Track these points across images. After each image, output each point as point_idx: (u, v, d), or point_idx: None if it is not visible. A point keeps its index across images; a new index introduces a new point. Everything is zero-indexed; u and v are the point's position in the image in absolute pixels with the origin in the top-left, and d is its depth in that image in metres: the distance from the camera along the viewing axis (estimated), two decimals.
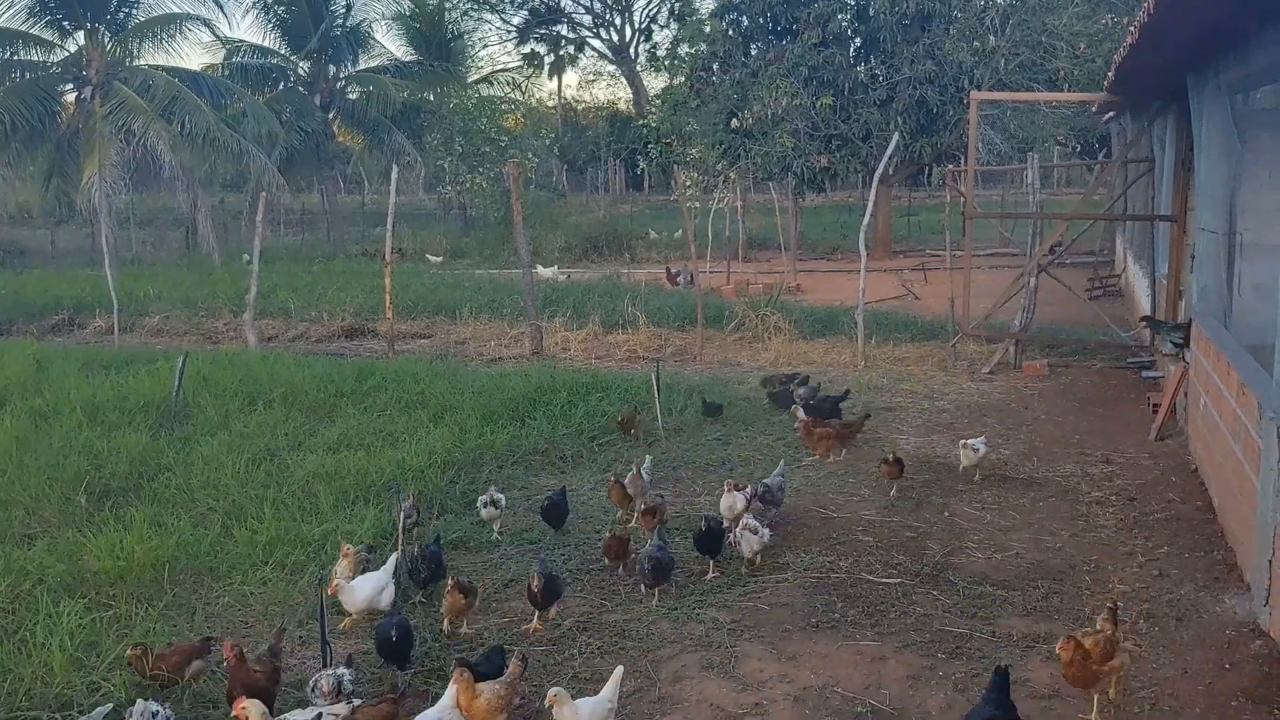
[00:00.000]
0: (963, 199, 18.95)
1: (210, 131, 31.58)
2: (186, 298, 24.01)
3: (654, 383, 12.83)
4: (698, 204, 31.03)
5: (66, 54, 33.48)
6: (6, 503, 9.81)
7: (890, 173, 29.98)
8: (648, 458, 10.67)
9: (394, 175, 20.11)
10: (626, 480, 9.83)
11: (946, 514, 9.88)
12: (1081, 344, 17.00)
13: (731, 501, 9.14)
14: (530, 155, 42.02)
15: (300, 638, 7.62)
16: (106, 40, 33.25)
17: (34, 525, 9.52)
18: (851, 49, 32.08)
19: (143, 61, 34.58)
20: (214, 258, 32.30)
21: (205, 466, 10.74)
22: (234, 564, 8.64)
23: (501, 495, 9.70)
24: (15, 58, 33.02)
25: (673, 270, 26.80)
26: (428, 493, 10.28)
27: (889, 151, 19.11)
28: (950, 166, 29.99)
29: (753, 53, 32.69)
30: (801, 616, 7.77)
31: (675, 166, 30.22)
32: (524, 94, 55.15)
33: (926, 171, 39.98)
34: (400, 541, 8.73)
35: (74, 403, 12.82)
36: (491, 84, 48.99)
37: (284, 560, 8.63)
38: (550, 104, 73.73)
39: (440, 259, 33.75)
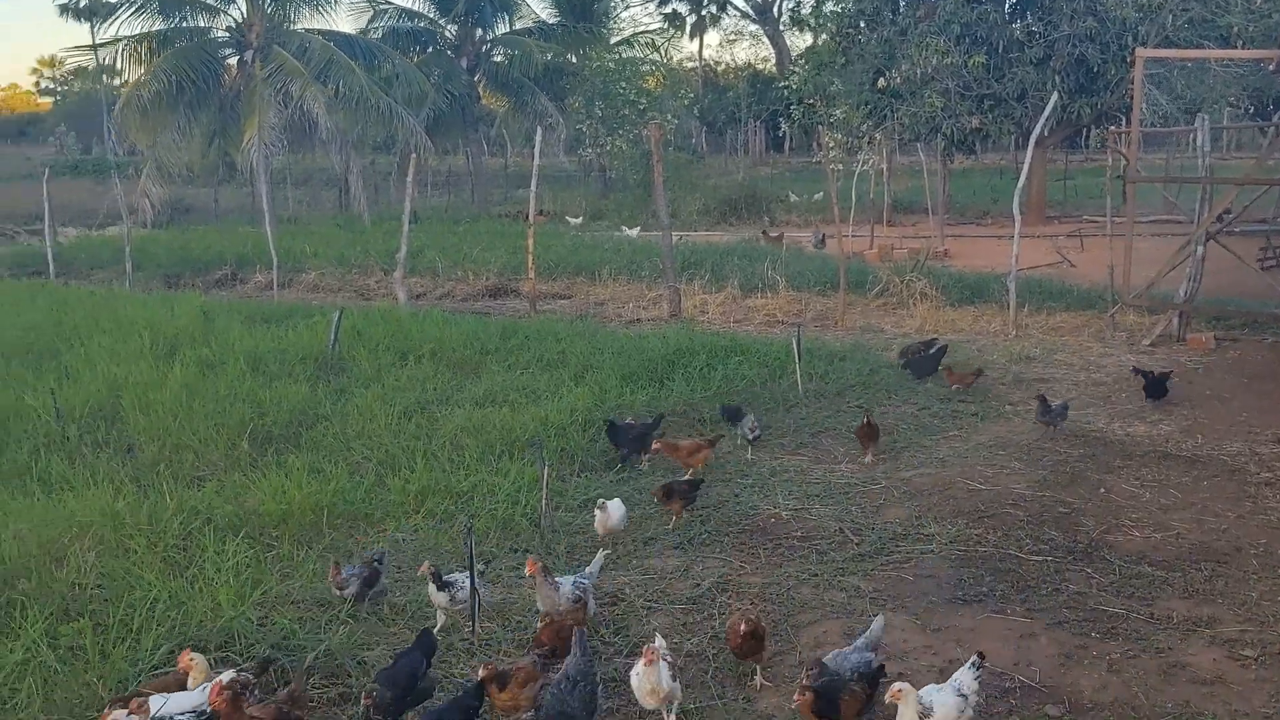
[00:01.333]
0: (1124, 162, 18.20)
1: (363, 94, 32.44)
2: (340, 255, 24.81)
3: (794, 347, 12.76)
4: (841, 166, 30.54)
5: (229, 19, 34.79)
6: (177, 446, 10.36)
7: (1046, 134, 28.89)
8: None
9: (537, 138, 20.38)
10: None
11: (1103, 490, 9.60)
12: (1252, 317, 16.14)
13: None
14: (669, 117, 41.93)
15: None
16: (267, 5, 34.41)
17: (202, 468, 10.04)
18: (1006, 5, 30.94)
19: (300, 26, 35.72)
20: (364, 217, 33.25)
21: (360, 417, 11.14)
22: (387, 511, 8.98)
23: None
24: (183, 23, 34.44)
25: (771, 233, 26.69)
26: (569, 449, 10.46)
27: (1046, 112, 18.41)
28: (1111, 128, 28.74)
29: (901, 9, 31.82)
30: (947, 589, 7.68)
31: (819, 128, 29.77)
32: (664, 55, 54.97)
33: (1084, 134, 38.49)
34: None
35: (238, 353, 13.42)
36: (632, 45, 48.92)
37: (434, 509, 8.93)
38: (690, 65, 73.37)
39: (579, 220, 34.06)
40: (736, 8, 71.52)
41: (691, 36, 72.54)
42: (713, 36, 76.26)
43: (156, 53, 33.34)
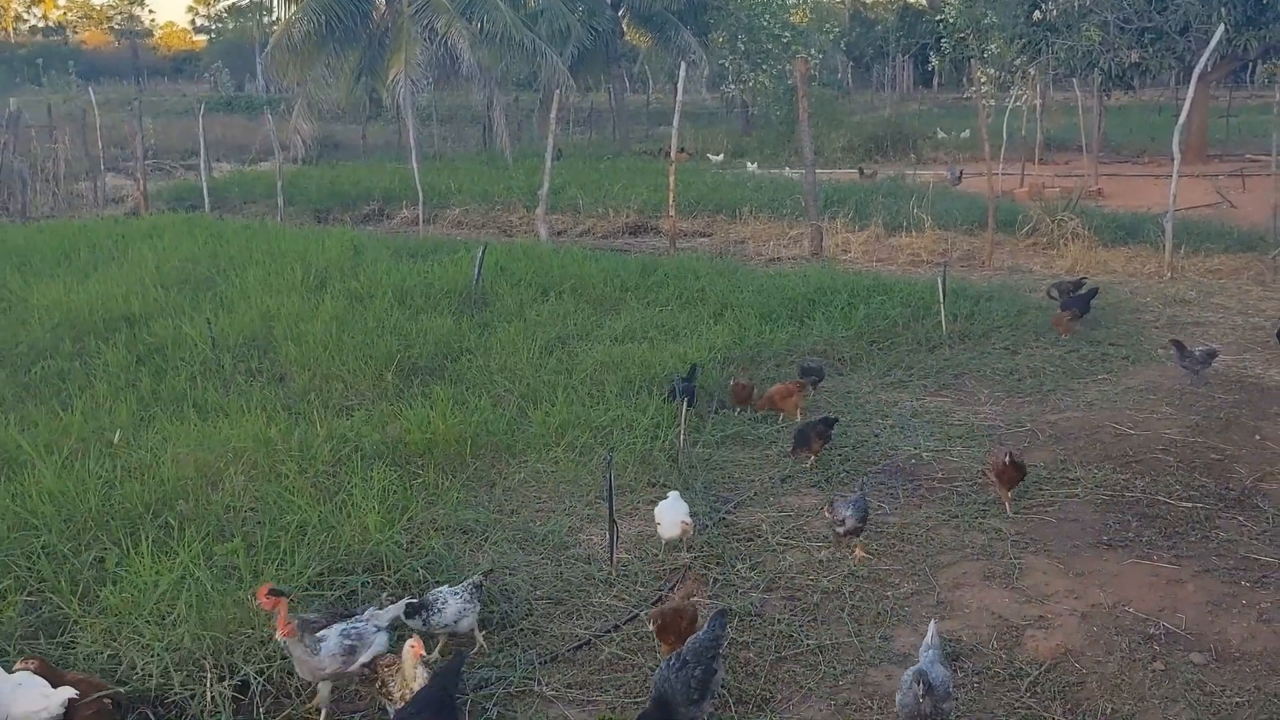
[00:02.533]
0: None
1: (507, 30, 32.57)
2: (484, 192, 25.14)
3: (939, 287, 12.44)
4: (993, 102, 29.46)
5: None
6: (328, 376, 10.71)
7: (1209, 69, 27.24)
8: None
9: (681, 73, 20.15)
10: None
11: (1258, 437, 9.14)
12: None
13: None
14: (815, 52, 41.03)
15: (589, 516, 7.99)
16: None
17: (351, 398, 10.36)
18: None
19: None
20: (507, 154, 33.61)
21: (502, 351, 11.33)
22: (528, 443, 9.13)
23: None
24: None
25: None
26: (708, 386, 10.45)
27: (1210, 46, 17.34)
28: None
29: None
30: (1091, 533, 7.45)
31: (970, 62, 28.73)
32: None
33: (1250, 68, 36.23)
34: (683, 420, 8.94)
35: (385, 287, 13.75)
36: None
37: (574, 442, 9.04)
38: None
39: (721, 158, 33.74)
40: None
41: None
42: None
43: None
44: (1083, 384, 10.84)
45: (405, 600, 6.03)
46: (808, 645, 6.20)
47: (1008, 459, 7.68)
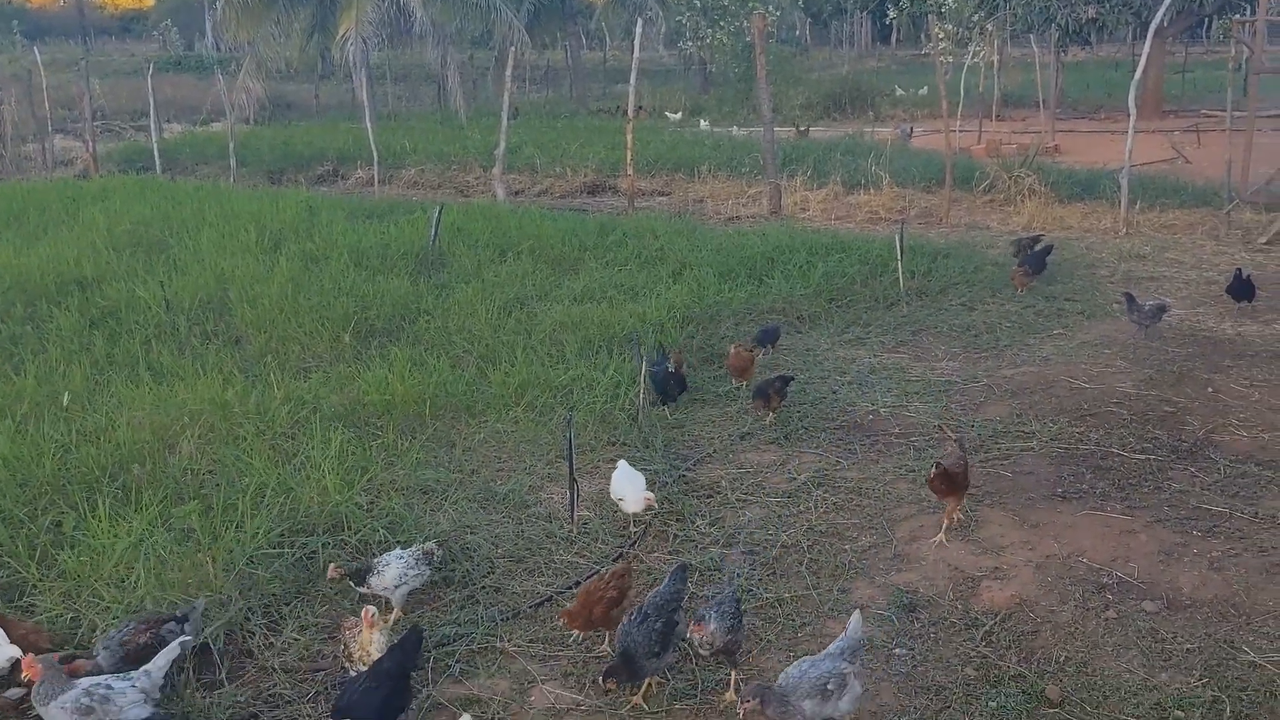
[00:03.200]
0: (1248, 53, 17.24)
1: None
2: (440, 152, 24.91)
3: (897, 244, 12.50)
4: (951, 59, 29.48)
5: None
6: (284, 338, 10.62)
7: (1166, 25, 27.47)
8: None
9: (638, 30, 19.98)
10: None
11: (1210, 390, 9.30)
12: None
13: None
14: (772, 8, 40.82)
15: (549, 475, 8.00)
16: None
17: (308, 360, 10.29)
18: None
19: None
20: (462, 114, 33.26)
21: (460, 312, 11.27)
22: (488, 403, 9.12)
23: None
24: None
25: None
26: (666, 345, 10.46)
27: (1167, 2, 17.47)
28: (1235, 18, 27.19)
29: None
30: (1046, 486, 7.57)
31: (928, 18, 28.72)
32: None
33: (1206, 24, 36.48)
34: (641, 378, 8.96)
35: (341, 248, 13.63)
36: None
37: (534, 402, 9.04)
38: None
39: (679, 116, 33.60)
40: None
41: None
42: None
43: None
44: (1038, 339, 10.96)
45: (180, 640, 5.29)
46: (766, 598, 6.27)
47: (934, 469, 6.77)
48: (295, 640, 5.87)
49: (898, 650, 5.72)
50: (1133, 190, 16.17)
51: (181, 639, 5.29)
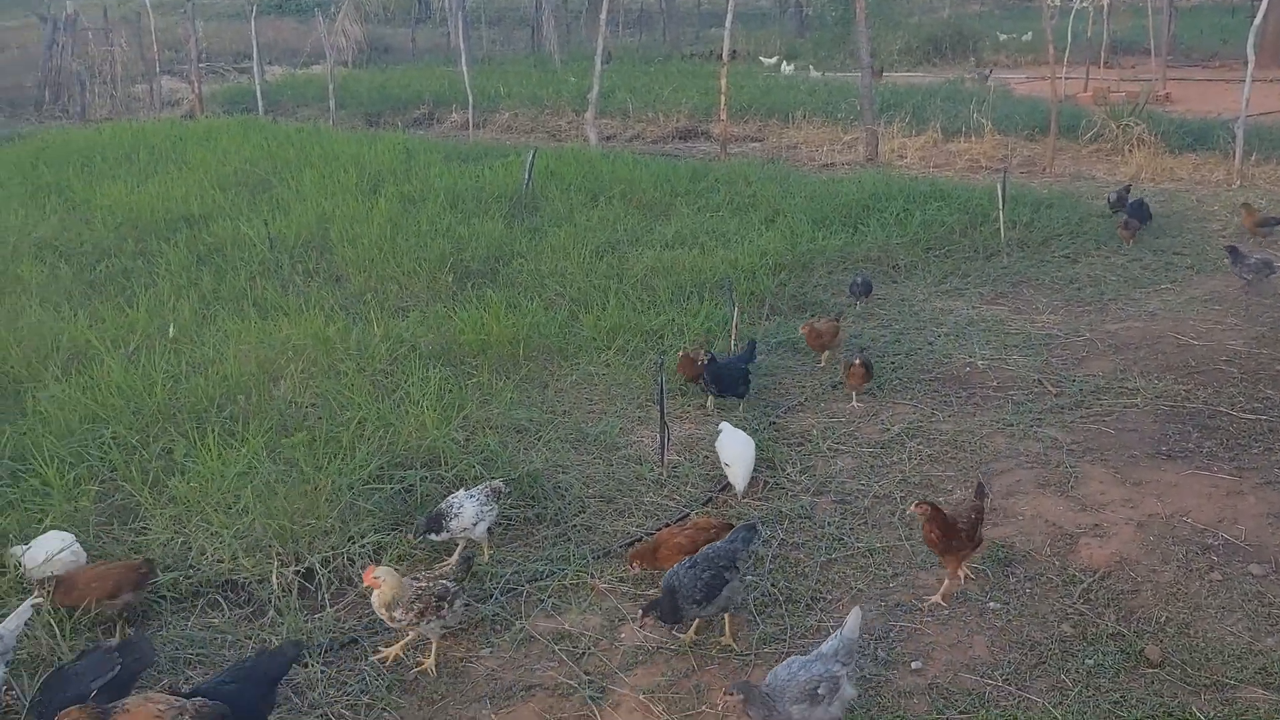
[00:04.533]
0: None
1: None
2: (533, 95, 24.90)
3: (999, 193, 12.22)
4: (1058, 3, 28.50)
5: None
6: (383, 277, 10.79)
7: None
8: None
9: None
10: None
11: None
12: None
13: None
14: None
15: (639, 418, 8.05)
16: None
17: (406, 299, 10.44)
18: None
19: None
20: (555, 57, 33.16)
21: (553, 255, 11.32)
22: (580, 346, 9.18)
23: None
24: None
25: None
26: (758, 292, 10.41)
27: None
28: None
29: None
30: (1150, 444, 7.39)
31: None
32: None
33: None
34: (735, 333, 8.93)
35: (437, 190, 13.75)
36: None
37: (625, 346, 9.07)
38: None
39: (774, 60, 33.07)
40: None
41: None
42: None
43: None
44: (1145, 293, 10.67)
45: (31, 601, 5.22)
46: (858, 548, 6.26)
47: (914, 506, 5.68)
48: (394, 569, 6.00)
49: (992, 604, 5.67)
50: (1248, 141, 15.54)
51: (33, 600, 5.26)
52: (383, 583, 5.18)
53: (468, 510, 6.09)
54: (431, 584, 5.33)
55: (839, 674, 4.53)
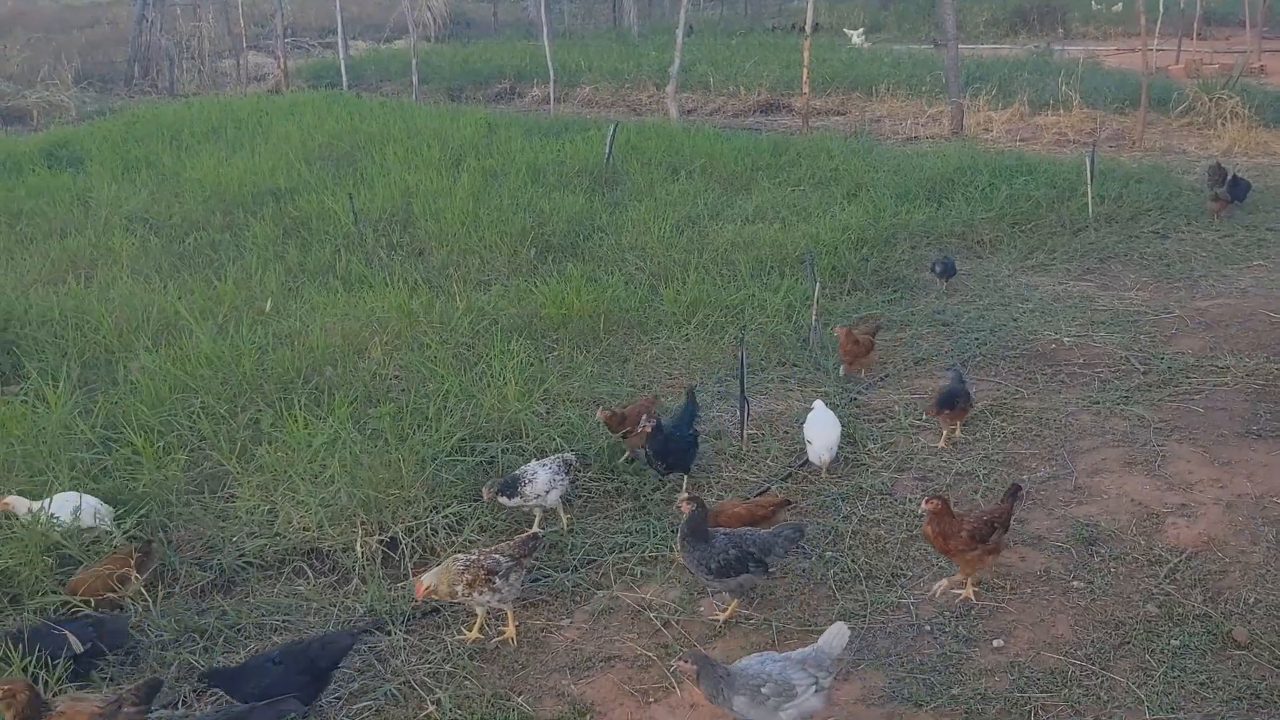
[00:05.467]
0: None
1: None
2: (613, 69, 24.88)
3: (1087, 168, 11.95)
4: None
5: None
6: (465, 251, 10.90)
7: None
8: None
9: None
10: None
11: None
12: None
13: None
14: None
15: (719, 393, 8.06)
16: None
17: (488, 273, 10.55)
18: None
19: None
20: (635, 31, 33.08)
21: (633, 230, 11.34)
22: (660, 320, 9.21)
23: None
24: None
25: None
26: (840, 267, 10.32)
27: None
28: None
29: None
30: (1240, 423, 7.21)
31: None
32: None
33: None
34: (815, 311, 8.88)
35: (519, 165, 13.84)
36: None
37: (705, 321, 9.07)
38: None
39: (859, 33, 32.61)
40: None
41: None
42: None
43: None
44: (1236, 270, 10.39)
45: None
46: None
47: (925, 502, 5.48)
48: (474, 540, 6.11)
49: (1076, 583, 5.60)
50: None
51: None
52: (433, 589, 5.25)
53: (541, 477, 6.17)
54: (484, 557, 5.36)
55: (797, 681, 4.35)
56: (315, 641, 4.94)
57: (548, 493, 6.20)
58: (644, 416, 6.70)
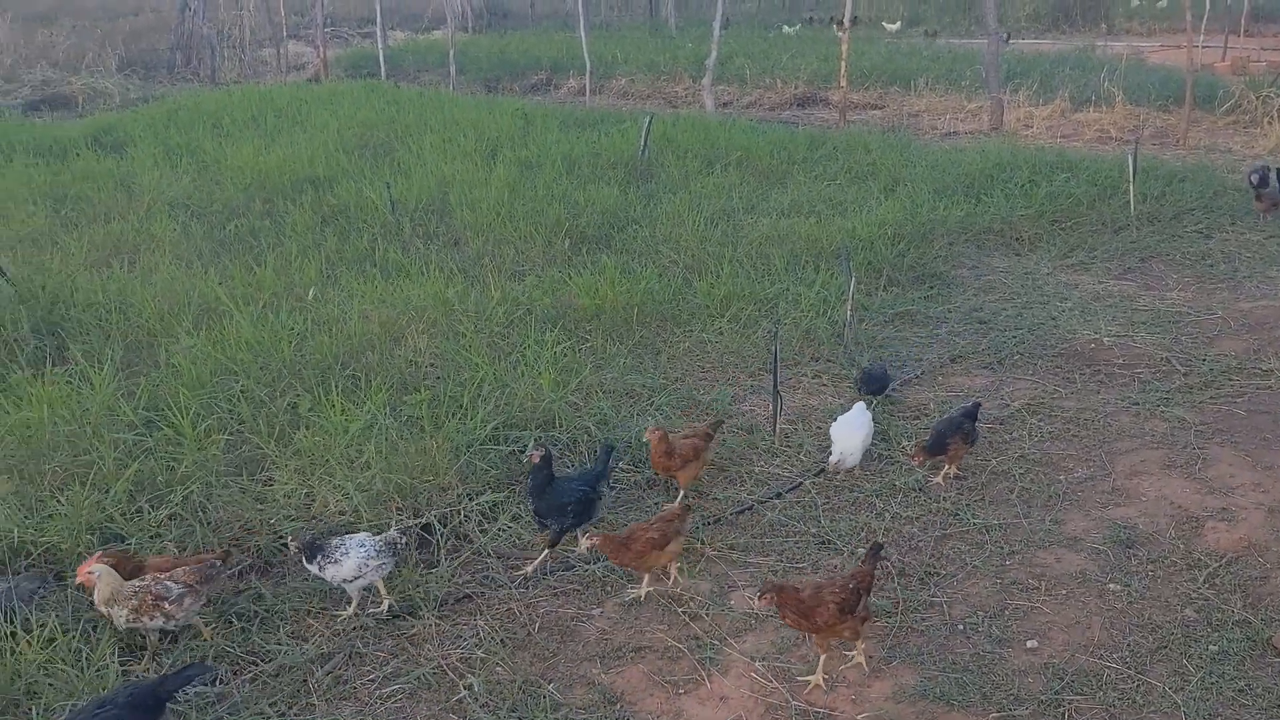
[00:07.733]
0: None
1: None
2: (649, 62, 24.84)
3: (1129, 165, 11.81)
4: None
5: None
6: (500, 241, 10.92)
7: None
8: None
9: None
10: None
11: None
12: None
13: None
14: None
15: (752, 387, 8.04)
16: None
17: (522, 263, 10.55)
18: None
19: None
20: (671, 23, 33.00)
21: (668, 222, 11.31)
22: (693, 313, 9.18)
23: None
24: None
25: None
26: (876, 263, 10.27)
27: None
28: None
29: None
30: None
31: None
32: None
33: None
34: (847, 310, 8.84)
35: (554, 156, 13.84)
36: None
37: (739, 314, 9.04)
38: None
39: (896, 26, 32.40)
40: None
41: None
42: None
43: None
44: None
45: None
46: (974, 524, 6.17)
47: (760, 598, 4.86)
48: (508, 528, 6.14)
49: (1112, 585, 5.54)
50: None
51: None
52: (98, 579, 5.04)
53: (348, 563, 5.34)
54: (153, 583, 5.07)
55: None
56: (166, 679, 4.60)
57: (354, 579, 5.37)
58: (530, 445, 6.29)
